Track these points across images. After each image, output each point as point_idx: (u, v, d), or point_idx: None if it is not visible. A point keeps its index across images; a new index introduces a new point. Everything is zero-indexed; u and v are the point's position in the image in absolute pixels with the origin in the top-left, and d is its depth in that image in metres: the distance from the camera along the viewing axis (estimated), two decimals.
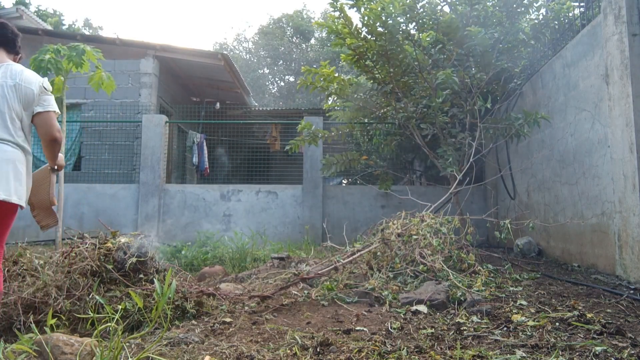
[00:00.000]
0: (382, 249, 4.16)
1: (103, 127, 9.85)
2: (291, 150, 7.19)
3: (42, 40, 9.50)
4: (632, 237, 3.93)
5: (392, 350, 2.27)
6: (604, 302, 3.20)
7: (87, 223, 8.45)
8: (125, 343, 2.19)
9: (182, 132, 11.19)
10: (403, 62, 6.20)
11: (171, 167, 10.06)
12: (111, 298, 3.01)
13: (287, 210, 8.41)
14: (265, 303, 3.34)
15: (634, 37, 4.03)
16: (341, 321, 2.85)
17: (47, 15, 20.84)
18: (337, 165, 7.81)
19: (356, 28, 6.02)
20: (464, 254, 4.13)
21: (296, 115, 12.25)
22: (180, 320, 2.96)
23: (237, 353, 2.28)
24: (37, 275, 3.10)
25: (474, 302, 3.11)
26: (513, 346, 2.28)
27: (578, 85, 5.00)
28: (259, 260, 5.75)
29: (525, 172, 6.41)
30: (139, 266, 3.24)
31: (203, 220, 8.39)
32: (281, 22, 27.24)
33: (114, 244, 3.24)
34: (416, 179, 10.13)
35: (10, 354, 2.05)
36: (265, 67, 27.27)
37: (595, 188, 4.61)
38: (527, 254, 5.86)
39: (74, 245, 3.25)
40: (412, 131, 6.59)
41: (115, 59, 9.88)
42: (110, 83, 5.55)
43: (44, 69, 5.07)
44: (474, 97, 6.05)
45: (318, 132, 7.23)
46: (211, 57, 10.37)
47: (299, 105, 21.11)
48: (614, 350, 2.17)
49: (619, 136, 4.14)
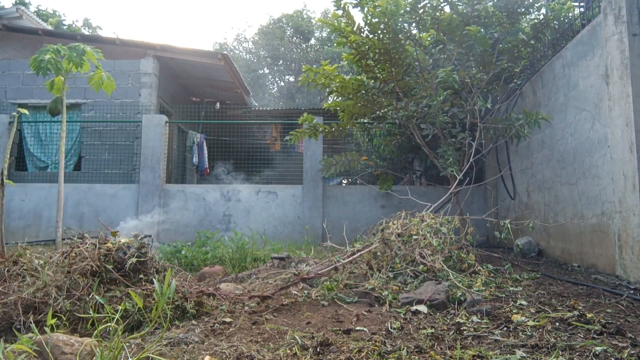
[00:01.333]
0: (382, 249, 4.16)
1: (103, 127, 9.85)
2: (290, 142, 7.18)
3: (42, 40, 9.51)
4: (632, 237, 3.93)
5: (392, 350, 2.27)
6: (604, 302, 3.20)
7: (87, 223, 8.46)
8: (125, 343, 2.19)
9: (182, 132, 11.19)
10: (404, 62, 6.20)
11: (171, 167, 10.07)
12: (111, 298, 3.01)
13: (287, 210, 8.41)
14: (265, 303, 3.34)
15: (634, 37, 4.03)
16: (341, 321, 2.85)
17: (47, 15, 20.82)
18: (336, 166, 7.81)
19: (359, 27, 6.02)
20: (464, 254, 4.13)
21: (296, 115, 12.19)
22: (180, 320, 2.96)
23: (237, 353, 2.28)
24: (37, 275, 3.10)
25: (474, 302, 3.10)
26: (513, 346, 2.28)
27: (578, 85, 5.00)
28: (259, 260, 5.75)
29: (525, 172, 6.41)
30: (139, 266, 3.23)
31: (203, 220, 8.39)
32: (281, 22, 27.25)
33: (114, 244, 3.23)
34: (416, 179, 10.13)
35: (10, 354, 2.04)
36: (265, 67, 27.28)
37: (595, 188, 4.61)
38: (527, 254, 5.86)
39: (74, 245, 3.24)
40: (412, 131, 6.59)
41: (115, 59, 9.89)
42: (110, 83, 5.54)
43: (44, 69, 5.07)
44: (474, 97, 6.05)
45: (319, 126, 7.22)
46: (211, 57, 10.37)
47: (299, 105, 21.11)
48: (614, 350, 2.17)
49: (619, 136, 4.14)
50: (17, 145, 9.83)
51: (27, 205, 8.60)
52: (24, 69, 9.86)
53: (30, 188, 8.72)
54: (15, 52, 10.34)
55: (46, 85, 5.50)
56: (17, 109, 6.14)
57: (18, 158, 9.88)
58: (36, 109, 9.89)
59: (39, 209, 8.58)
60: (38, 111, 9.90)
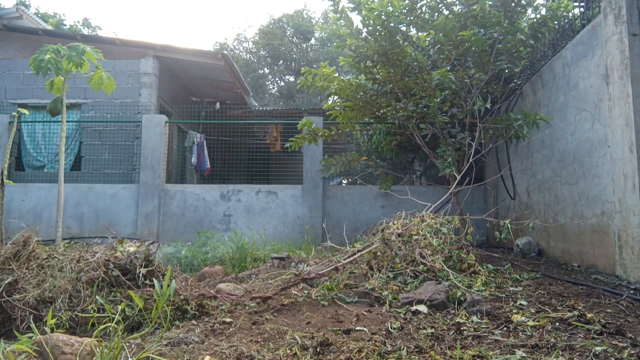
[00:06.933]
0: (382, 249, 4.16)
1: (103, 127, 9.85)
2: (291, 149, 7.19)
3: (42, 40, 9.51)
4: (632, 237, 3.93)
5: (392, 350, 2.27)
6: (604, 302, 3.20)
7: (87, 223, 8.46)
8: (125, 343, 2.19)
9: (182, 132, 11.19)
10: (403, 63, 6.20)
11: (171, 167, 10.07)
12: (112, 300, 3.01)
13: (287, 210, 8.41)
14: (266, 303, 3.34)
15: (634, 37, 4.03)
16: (341, 321, 2.85)
17: (47, 16, 20.81)
18: (336, 166, 7.81)
19: (357, 29, 6.02)
20: (464, 254, 4.13)
21: (296, 115, 12.25)
22: (180, 321, 2.96)
23: (237, 353, 2.28)
24: (45, 277, 3.10)
25: (474, 302, 3.10)
26: (513, 346, 2.28)
27: (578, 85, 5.00)
28: (259, 260, 5.75)
29: (525, 172, 6.41)
30: (147, 274, 3.26)
31: (203, 220, 8.39)
32: (281, 22, 27.24)
33: (123, 254, 3.26)
34: (416, 179, 10.14)
35: (10, 354, 2.04)
36: (265, 67, 27.27)
37: (595, 188, 4.61)
38: (527, 254, 5.86)
39: (82, 254, 3.27)
40: (411, 131, 6.59)
41: (115, 59, 9.88)
42: (110, 83, 5.55)
43: (44, 69, 5.07)
44: (473, 97, 6.05)
45: (318, 131, 7.23)
46: (211, 57, 10.37)
47: (299, 105, 21.10)
48: (614, 350, 2.17)
49: (619, 136, 4.14)
50: (17, 145, 9.83)
51: (27, 205, 8.60)
52: (24, 69, 9.86)
53: (30, 188, 8.72)
54: (15, 52, 10.34)
55: (46, 85, 5.50)
56: (17, 109, 6.14)
57: (18, 158, 9.88)
58: (36, 109, 9.89)
59: (39, 209, 8.58)
60: (38, 111, 9.90)
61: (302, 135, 7.21)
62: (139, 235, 8.15)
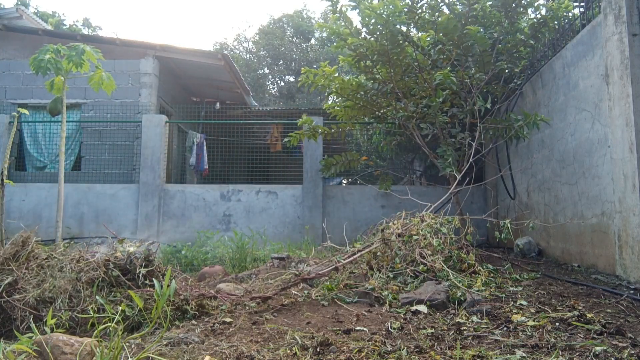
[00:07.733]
0: (382, 249, 4.16)
1: (103, 127, 9.85)
2: (289, 144, 7.18)
3: (42, 40, 9.50)
4: (632, 237, 3.93)
5: (392, 350, 2.27)
6: (604, 302, 3.20)
7: (87, 223, 8.46)
8: (125, 343, 2.19)
9: (182, 132, 11.18)
10: (403, 63, 6.20)
11: (171, 167, 10.06)
12: (112, 300, 3.01)
13: (287, 210, 8.41)
14: (266, 303, 3.34)
15: (634, 37, 4.03)
16: (341, 321, 2.85)
17: (47, 15, 20.82)
18: (336, 166, 7.80)
19: (356, 29, 6.02)
20: (464, 254, 4.13)
21: (296, 116, 12.20)
22: (180, 321, 2.96)
23: (237, 353, 2.28)
24: (45, 276, 3.10)
25: (474, 302, 3.10)
26: (513, 346, 2.28)
27: (578, 85, 5.00)
28: (259, 260, 5.75)
29: (525, 172, 6.40)
30: (147, 275, 3.26)
31: (203, 220, 8.39)
32: (281, 22, 27.23)
33: (123, 254, 3.26)
34: (416, 179, 10.13)
35: (10, 354, 2.04)
36: (265, 67, 27.26)
37: (595, 188, 4.61)
38: (527, 254, 5.86)
39: (82, 254, 3.27)
40: (412, 131, 6.59)
41: (115, 59, 9.88)
42: (110, 83, 5.55)
43: (43, 68, 5.08)
44: (473, 97, 6.05)
45: (318, 128, 7.22)
46: (211, 57, 10.36)
47: (299, 105, 21.10)
48: (614, 350, 2.17)
49: (619, 136, 4.14)
50: (18, 145, 9.82)
51: (27, 205, 8.60)
52: (24, 69, 9.85)
53: (30, 188, 8.71)
54: (15, 52, 10.33)
55: (46, 85, 5.50)
56: (17, 109, 6.15)
57: (18, 158, 9.88)
58: (36, 109, 9.89)
59: (38, 209, 8.58)
60: (38, 111, 9.90)
61: (302, 131, 7.21)
62: (138, 235, 8.15)
